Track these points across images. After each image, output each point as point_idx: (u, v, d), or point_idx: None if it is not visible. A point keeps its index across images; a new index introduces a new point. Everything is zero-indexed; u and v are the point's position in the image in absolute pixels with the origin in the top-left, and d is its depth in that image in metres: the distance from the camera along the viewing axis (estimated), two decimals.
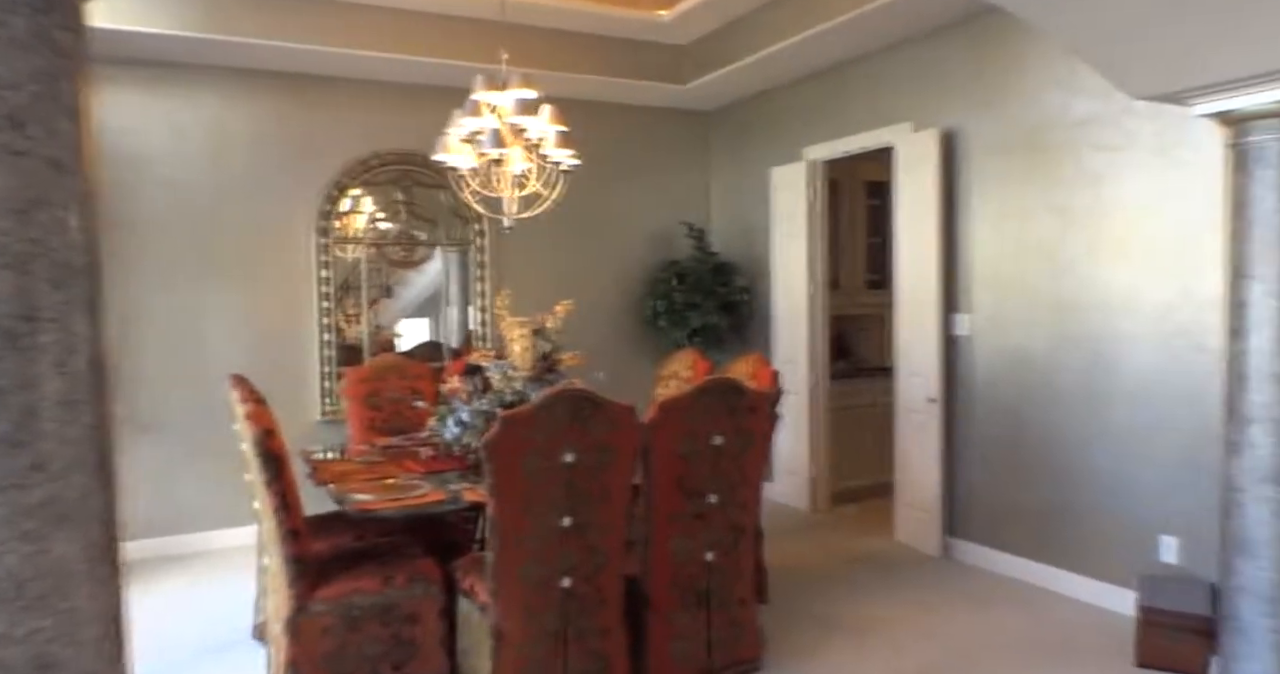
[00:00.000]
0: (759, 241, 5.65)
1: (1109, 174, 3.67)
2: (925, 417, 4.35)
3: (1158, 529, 3.50)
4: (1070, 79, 3.75)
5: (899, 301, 4.54)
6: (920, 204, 4.36)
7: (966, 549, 4.29)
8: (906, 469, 4.51)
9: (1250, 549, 2.52)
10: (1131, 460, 3.60)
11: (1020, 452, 4.04)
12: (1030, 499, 4.00)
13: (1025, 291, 4.01)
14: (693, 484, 2.85)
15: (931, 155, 4.28)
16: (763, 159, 5.60)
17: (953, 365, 4.33)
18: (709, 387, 2.84)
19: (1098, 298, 3.72)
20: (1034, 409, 3.97)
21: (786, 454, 5.33)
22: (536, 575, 2.63)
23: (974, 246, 4.24)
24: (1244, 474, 2.53)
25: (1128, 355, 3.61)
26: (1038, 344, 3.96)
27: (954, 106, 4.31)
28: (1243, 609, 2.55)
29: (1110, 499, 3.68)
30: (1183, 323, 3.40)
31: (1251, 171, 2.53)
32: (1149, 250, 3.53)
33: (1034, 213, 3.97)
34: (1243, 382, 2.53)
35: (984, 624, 3.56)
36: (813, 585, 4.02)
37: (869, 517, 5.07)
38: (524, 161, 3.73)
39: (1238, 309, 2.56)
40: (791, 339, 5.31)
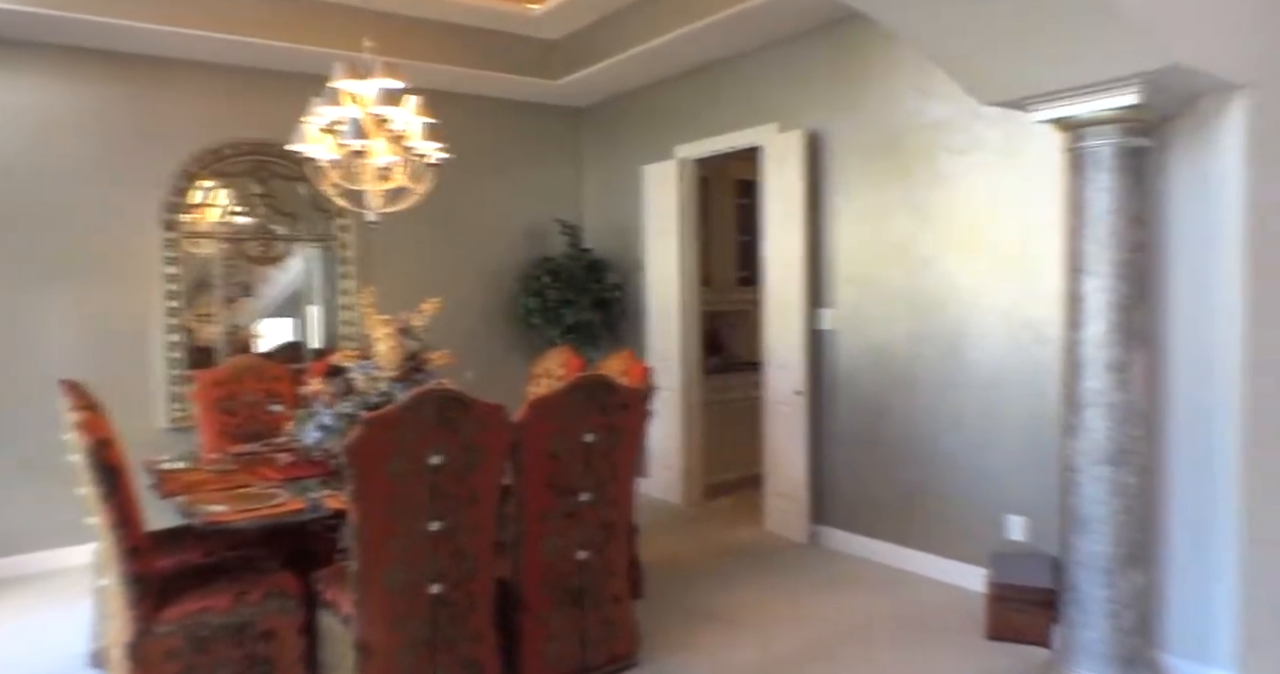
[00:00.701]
0: (632, 239, 5.67)
1: (960, 176, 3.87)
2: (792, 409, 4.48)
3: (1006, 509, 3.72)
4: (926, 85, 3.93)
5: (767, 298, 4.65)
6: (786, 203, 4.48)
7: (832, 536, 4.44)
8: (775, 460, 4.63)
9: (1087, 526, 2.72)
10: (982, 445, 3.81)
11: (881, 440, 4.21)
12: (891, 485, 4.18)
13: (885, 287, 4.18)
14: (564, 483, 2.82)
15: (797, 155, 4.40)
16: (635, 156, 5.62)
17: (818, 359, 4.47)
18: (580, 384, 2.81)
19: (951, 293, 3.92)
20: (893, 399, 4.15)
21: (661, 449, 5.37)
22: (403, 583, 2.53)
23: (838, 244, 4.39)
24: (1080, 455, 2.72)
25: (978, 347, 3.82)
26: (897, 337, 4.14)
27: (819, 108, 4.45)
28: (1081, 581, 2.75)
29: (963, 482, 3.89)
30: (1027, 316, 3.62)
31: (1086, 174, 2.72)
32: (997, 248, 3.74)
33: (893, 212, 4.15)
34: (1079, 370, 2.72)
35: (849, 607, 3.69)
36: (687, 578, 4.06)
37: (741, 508, 5.18)
38: (389, 154, 3.59)
39: (1074, 302, 2.75)
40: (664, 335, 5.35)
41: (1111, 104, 2.60)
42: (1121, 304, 2.62)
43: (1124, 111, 2.60)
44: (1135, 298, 2.63)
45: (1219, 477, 2.78)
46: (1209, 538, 2.82)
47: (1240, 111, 2.72)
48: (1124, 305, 2.62)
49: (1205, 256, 2.79)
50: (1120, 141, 2.65)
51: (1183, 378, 2.85)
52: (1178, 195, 2.86)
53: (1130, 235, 2.63)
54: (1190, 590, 2.87)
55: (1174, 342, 2.87)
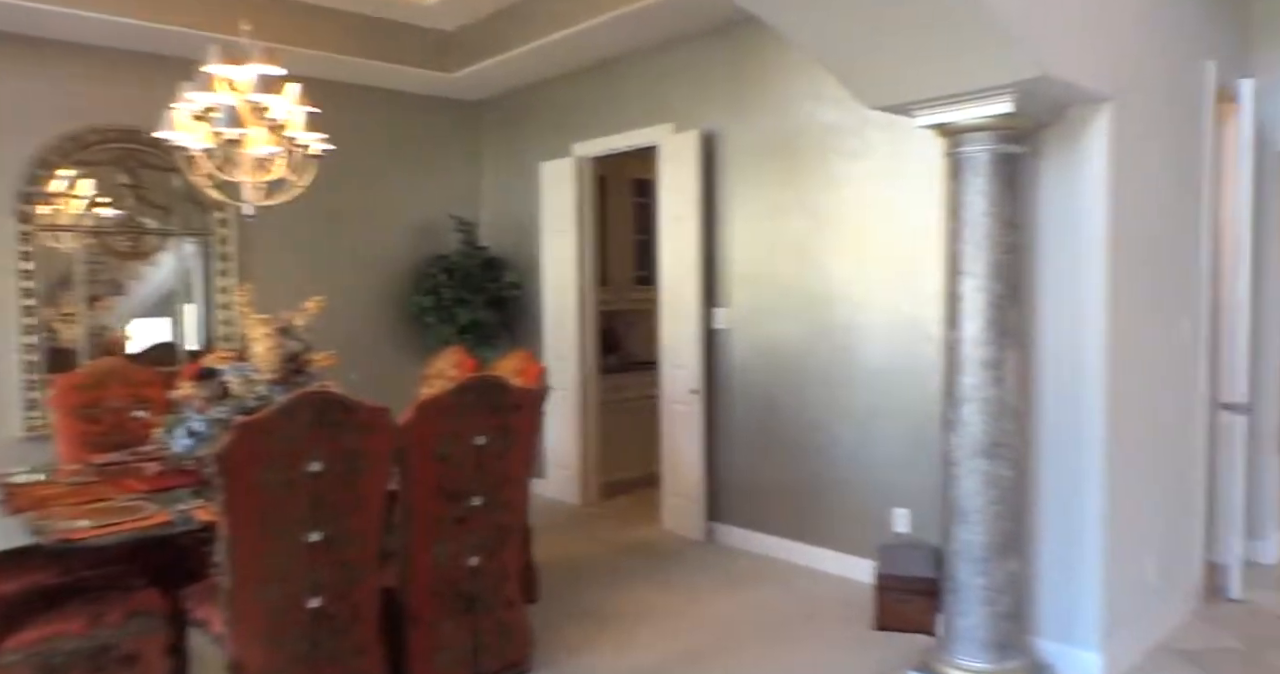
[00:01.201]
0: (530, 237, 5.58)
1: (851, 179, 3.97)
2: (688, 407, 4.50)
3: (893, 502, 3.83)
4: (818, 89, 4.01)
5: (663, 297, 4.66)
6: (681, 203, 4.49)
7: (728, 532, 4.49)
8: (672, 459, 4.64)
9: (965, 517, 2.82)
10: (870, 440, 3.92)
11: (775, 436, 4.28)
12: (784, 481, 4.25)
13: (778, 286, 4.25)
14: (454, 487, 2.74)
15: (692, 156, 4.42)
16: (533, 153, 5.54)
17: (713, 357, 4.51)
18: (470, 385, 2.73)
19: (842, 292, 4.01)
20: (786, 396, 4.23)
21: (558, 449, 5.32)
22: (280, 598, 2.40)
23: (732, 244, 4.44)
24: (959, 449, 2.82)
25: (867, 344, 3.92)
26: (790, 335, 4.21)
27: (715, 110, 4.48)
28: (959, 570, 2.85)
29: (853, 476, 3.99)
30: (912, 314, 3.74)
31: (964, 179, 2.81)
32: (884, 249, 3.85)
33: (787, 213, 4.22)
34: (957, 366, 2.82)
35: (744, 603, 3.74)
36: (584, 580, 4.03)
37: (638, 507, 5.18)
38: (267, 144, 3.42)
39: (953, 302, 2.84)
40: (562, 335, 5.30)
41: (987, 111, 2.69)
42: (996, 303, 2.72)
43: (999, 119, 2.70)
44: (1009, 297, 2.74)
45: (1085, 467, 2.94)
46: (1076, 526, 2.97)
47: (1105, 122, 2.87)
48: (999, 305, 2.72)
49: (1073, 258, 2.94)
50: (996, 148, 2.75)
51: (1053, 374, 3.00)
52: (1049, 200, 3.00)
53: (1004, 238, 2.74)
54: (1059, 576, 3.02)
55: (1045, 339, 3.01)
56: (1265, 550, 4.19)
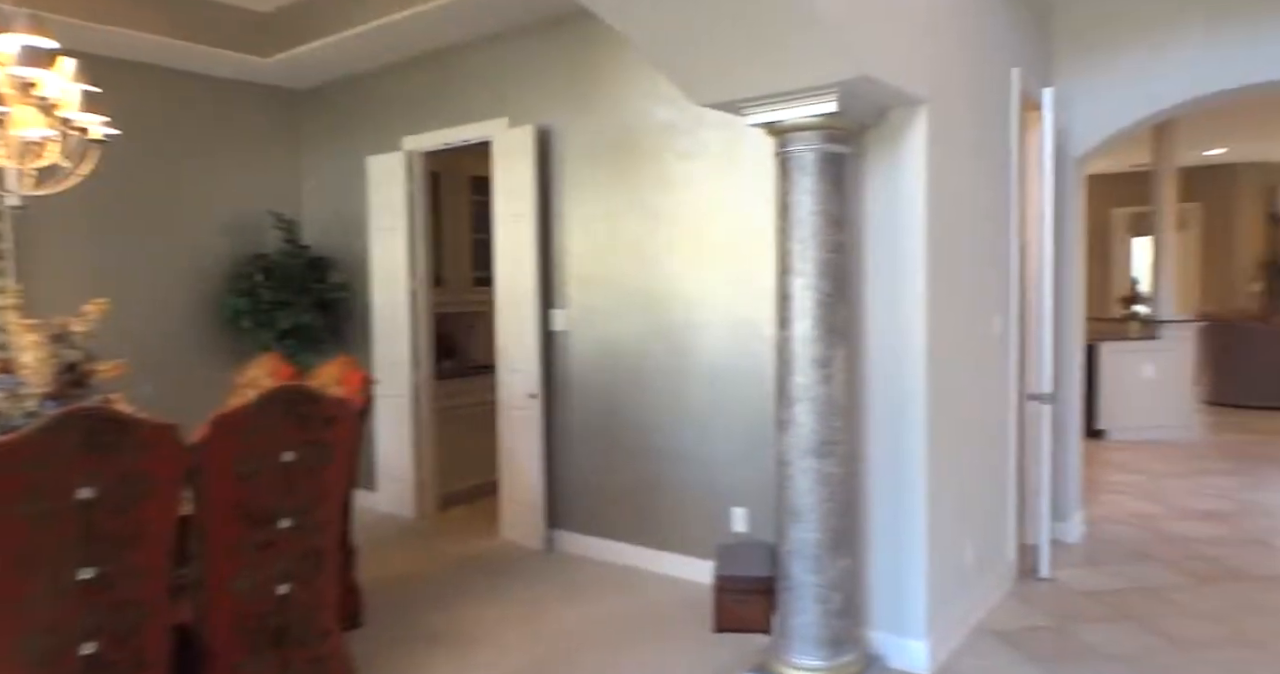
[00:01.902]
0: (358, 235, 5.26)
1: (687, 178, 3.94)
2: (526, 412, 4.35)
3: (731, 501, 3.84)
4: (654, 87, 3.96)
5: (499, 298, 4.49)
6: (518, 201, 4.34)
7: (570, 540, 4.38)
8: (510, 466, 4.48)
9: (798, 515, 2.83)
10: (708, 439, 3.91)
11: (615, 439, 4.21)
12: (625, 484, 4.19)
13: (617, 287, 4.18)
14: (259, 509, 2.47)
15: (527, 152, 4.28)
16: (360, 147, 5.22)
17: (552, 360, 4.39)
18: (274, 396, 2.48)
19: (680, 292, 3.99)
20: (626, 397, 4.16)
21: (390, 460, 5.03)
22: (44, 647, 2.07)
23: (571, 243, 4.33)
24: (791, 448, 2.83)
25: (705, 343, 3.91)
26: (628, 336, 4.15)
27: (551, 105, 4.35)
28: (794, 569, 2.86)
29: (693, 477, 3.97)
30: (746, 313, 3.76)
31: (793, 178, 2.82)
32: (720, 248, 3.86)
33: (625, 212, 4.15)
34: (789, 365, 2.83)
35: (585, 613, 3.63)
36: (416, 599, 3.80)
37: (477, 518, 4.98)
38: (37, 125, 3.01)
39: (784, 301, 2.85)
40: (393, 338, 5.01)
41: (813, 111, 2.71)
42: (824, 302, 2.75)
43: (825, 119, 2.73)
44: (837, 296, 2.78)
45: (909, 461, 3.02)
46: (903, 520, 3.06)
47: (922, 124, 2.96)
48: (827, 303, 2.75)
49: (896, 257, 3.02)
50: (822, 148, 2.78)
51: (879, 371, 3.07)
52: (873, 200, 3.07)
53: (831, 236, 2.76)
54: (889, 569, 3.09)
55: (872, 337, 3.08)
56: (1070, 530, 4.52)
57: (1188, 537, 4.61)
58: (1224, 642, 3.31)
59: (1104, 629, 3.43)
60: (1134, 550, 4.39)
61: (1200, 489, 5.60)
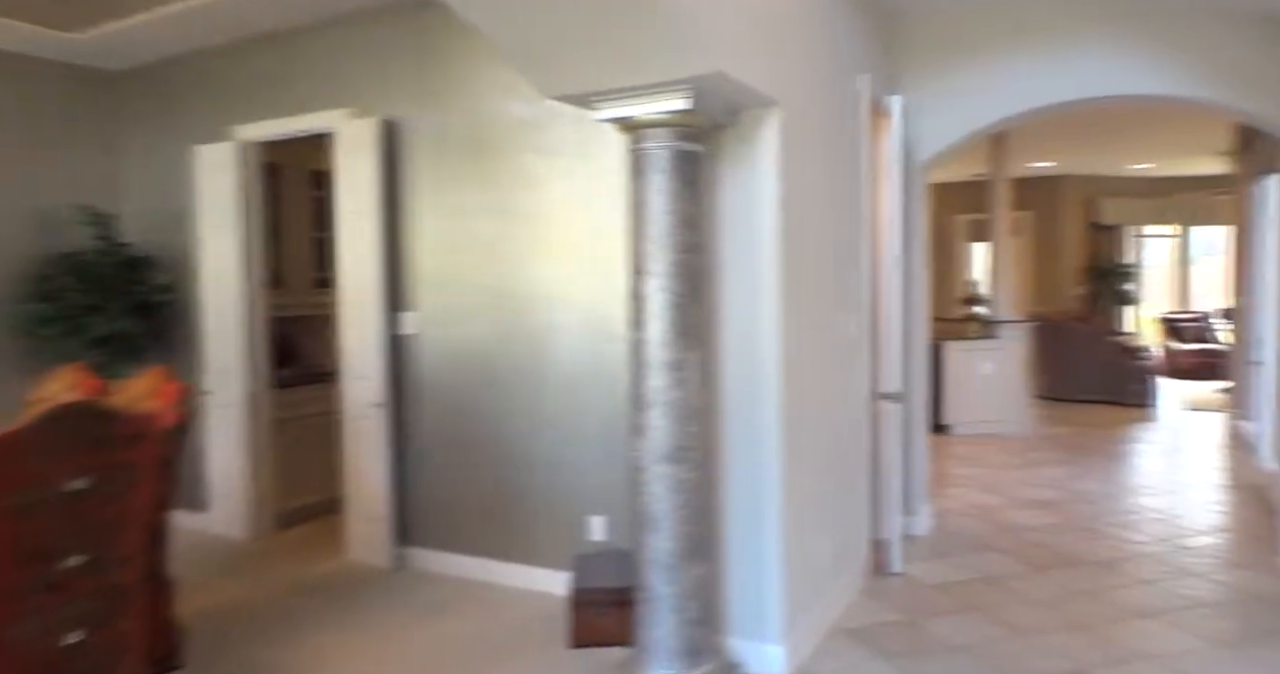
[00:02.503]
0: (185, 232, 4.81)
1: (543, 176, 3.80)
2: (372, 421, 4.08)
3: (589, 509, 3.73)
4: (508, 81, 3.80)
5: (342, 301, 4.20)
6: (362, 197, 4.07)
7: (421, 557, 4.14)
8: (356, 480, 4.19)
9: (654, 524, 2.74)
10: (566, 445, 3.78)
11: (468, 448, 4.01)
12: (479, 495, 4.00)
13: (470, 288, 3.99)
14: (40, 546, 2.14)
15: (372, 145, 4.03)
16: (187, 135, 4.78)
17: (400, 366, 4.14)
18: (57, 416, 2.15)
19: (536, 292, 3.84)
20: (480, 404, 3.97)
21: (221, 478, 4.62)
22: None
23: (419, 243, 4.10)
24: (646, 454, 2.74)
25: (562, 346, 3.78)
26: (483, 339, 3.96)
27: (399, 96, 4.11)
28: (651, 579, 2.77)
29: (549, 486, 3.83)
30: (603, 315, 3.66)
31: (646, 176, 2.74)
32: (576, 248, 3.74)
33: (478, 210, 3.97)
34: (643, 369, 2.74)
35: (437, 634, 3.42)
36: (249, 630, 3.48)
37: (320, 537, 4.64)
38: None
39: (637, 302, 2.76)
40: (226, 345, 4.61)
41: (665, 107, 2.64)
42: (678, 303, 2.68)
43: (678, 116, 2.66)
44: (690, 297, 2.71)
45: (764, 464, 3.00)
46: (760, 524, 3.03)
47: (774, 125, 2.94)
48: (680, 305, 2.68)
49: (750, 258, 2.99)
50: (675, 145, 2.71)
51: (734, 373, 3.03)
52: (727, 200, 3.03)
53: (684, 237, 2.70)
54: (747, 575, 3.06)
55: (726, 339, 3.04)
56: (918, 524, 4.66)
57: (1024, 526, 4.85)
58: (1057, 627, 3.47)
59: (951, 621, 3.53)
60: (977, 541, 4.58)
61: (1034, 480, 5.94)
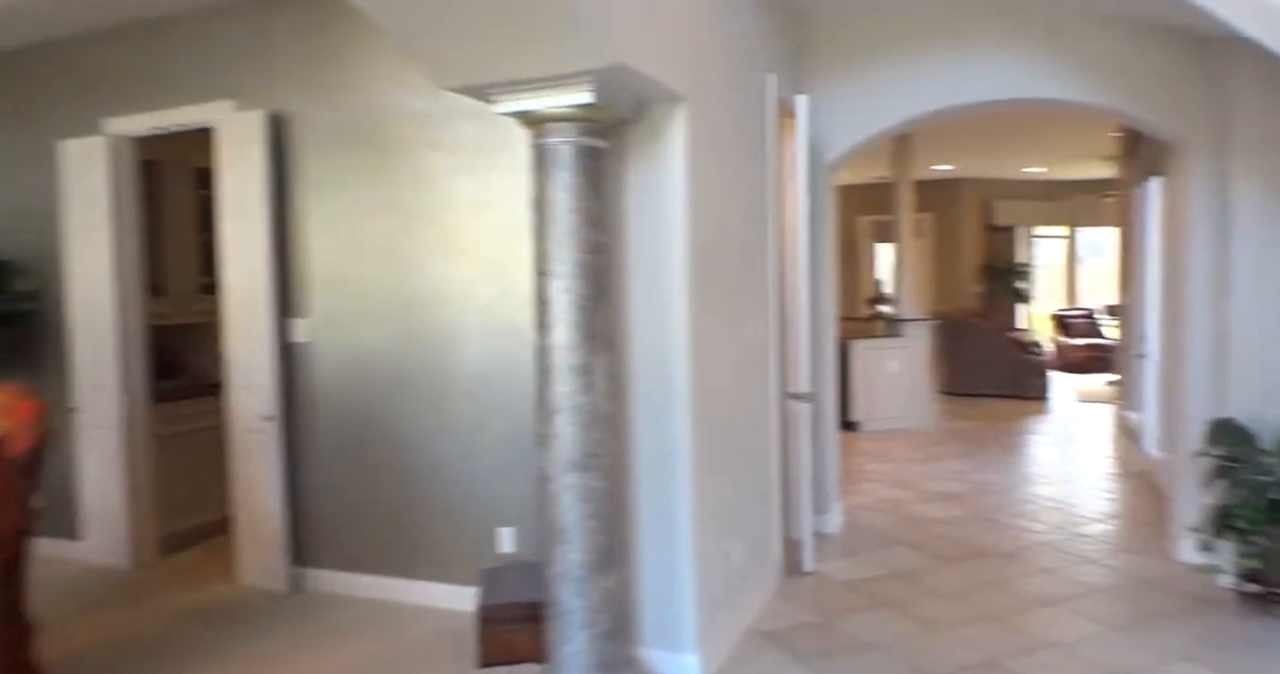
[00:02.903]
0: (50, 234, 4.42)
1: (443, 174, 3.65)
2: (263, 436, 3.83)
3: (498, 521, 3.59)
4: (404, 74, 3.63)
5: (228, 307, 3.93)
6: (248, 196, 3.83)
7: (320, 577, 3.91)
8: (247, 499, 3.93)
9: (563, 535, 2.63)
10: (471, 455, 3.63)
11: (369, 460, 3.81)
12: (380, 509, 3.80)
13: (368, 291, 3.79)
14: None
15: (259, 140, 3.78)
16: (50, 128, 4.39)
17: (292, 376, 3.90)
18: None
19: (438, 295, 3.68)
20: (381, 413, 3.78)
21: (97, 501, 4.27)
22: None
23: (312, 244, 3.88)
24: (554, 463, 2.62)
25: (465, 350, 3.63)
26: (383, 345, 3.77)
27: (287, 88, 3.88)
28: (561, 592, 2.65)
29: (454, 497, 3.67)
30: (508, 318, 3.53)
31: (549, 173, 2.63)
32: (480, 249, 3.60)
33: (375, 210, 3.78)
34: (549, 374, 2.62)
35: (337, 661, 3.23)
36: (128, 667, 3.20)
37: (210, 561, 4.33)
38: None
39: (542, 305, 2.64)
40: (98, 357, 4.24)
41: (568, 101, 2.54)
42: (583, 306, 2.57)
43: (581, 110, 2.56)
44: (597, 299, 2.61)
45: (676, 472, 2.92)
46: (672, 532, 2.95)
47: (682, 121, 2.87)
48: (586, 307, 2.58)
49: (659, 259, 2.91)
50: (579, 141, 2.60)
51: (642, 378, 2.95)
52: (635, 198, 2.95)
53: (590, 236, 2.60)
54: (660, 584, 2.98)
55: (634, 342, 2.95)
56: (830, 522, 4.68)
57: (932, 519, 4.94)
58: (968, 619, 3.52)
59: (865, 619, 3.53)
60: (887, 537, 4.63)
61: (939, 473, 6.07)
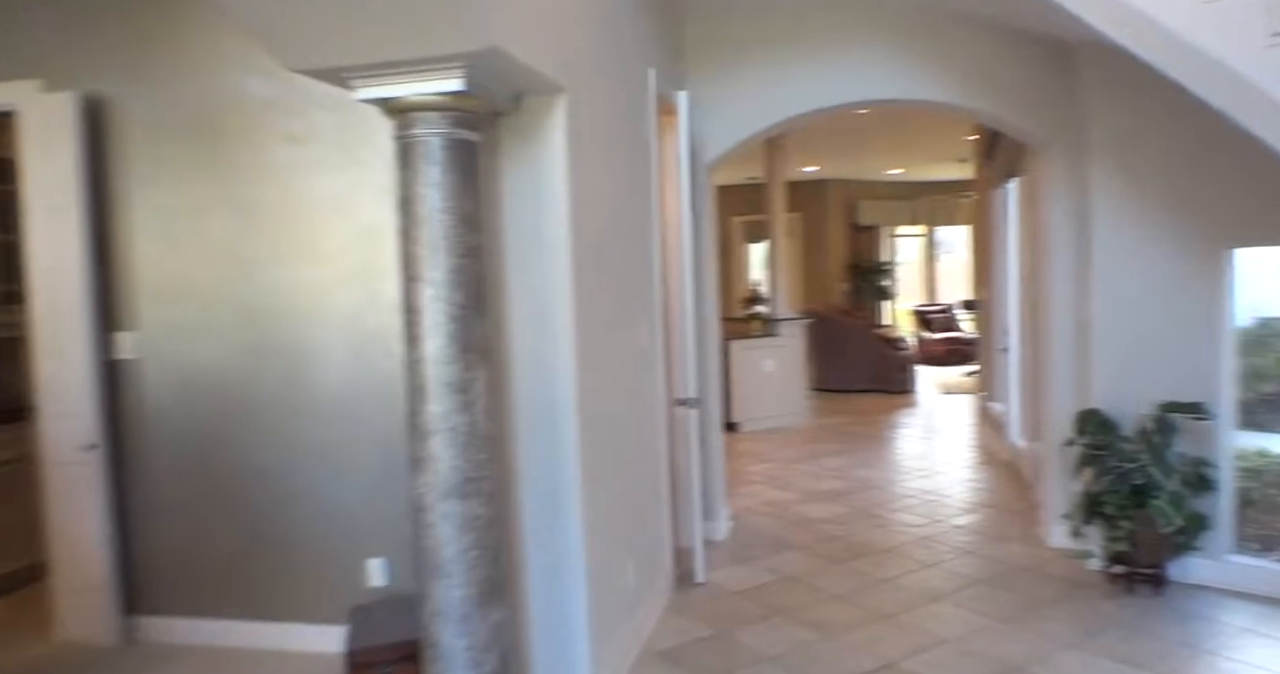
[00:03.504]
0: None
1: (296, 168, 3.29)
2: (84, 468, 3.32)
3: (365, 552, 3.26)
4: (251, 55, 3.25)
5: (38, 321, 3.39)
6: (59, 190, 3.32)
7: (157, 626, 3.44)
8: (64, 541, 3.40)
9: (442, 570, 2.36)
10: (334, 481, 3.30)
11: (213, 491, 3.40)
12: (229, 545, 3.39)
13: (208, 300, 3.38)
14: None
15: (71, 126, 3.29)
16: None
17: (119, 398, 3.42)
18: None
19: (290, 304, 3.31)
20: (225, 437, 3.37)
21: None
22: None
23: (139, 247, 3.42)
24: (430, 490, 2.35)
25: (323, 366, 3.29)
26: (227, 361, 3.37)
27: (105, 67, 3.40)
28: (439, 633, 2.38)
29: (316, 528, 3.32)
30: (374, 329, 3.22)
31: (416, 168, 2.35)
32: (339, 252, 3.26)
33: (215, 208, 3.37)
34: (421, 392, 2.35)
35: None
36: None
37: (22, 614, 3.72)
38: None
39: (412, 315, 2.36)
40: None
41: (437, 88, 2.27)
42: (458, 315, 2.31)
43: (451, 98, 2.30)
44: (473, 308, 2.36)
45: (565, 492, 2.71)
46: (562, 557, 2.73)
47: (561, 115, 2.65)
48: (461, 317, 2.32)
49: (540, 263, 2.69)
50: (449, 132, 2.34)
51: (526, 392, 2.71)
52: (513, 198, 2.71)
53: (463, 238, 2.34)
54: (553, 615, 2.75)
55: (516, 354, 2.71)
56: (718, 529, 4.59)
57: (817, 519, 4.93)
58: (861, 621, 3.48)
59: (760, 630, 3.43)
60: (775, 540, 4.57)
61: (820, 471, 6.12)
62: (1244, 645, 3.13)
